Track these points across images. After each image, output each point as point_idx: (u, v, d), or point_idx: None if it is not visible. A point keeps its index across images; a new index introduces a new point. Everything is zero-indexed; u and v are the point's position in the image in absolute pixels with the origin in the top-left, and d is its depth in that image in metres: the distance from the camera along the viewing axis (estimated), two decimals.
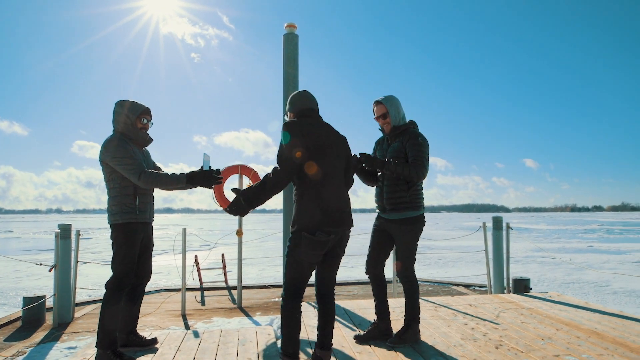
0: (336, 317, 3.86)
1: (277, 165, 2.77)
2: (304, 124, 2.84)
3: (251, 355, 3.32)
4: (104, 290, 3.25)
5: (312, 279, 2.96)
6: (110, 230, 3.30)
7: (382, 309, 3.56)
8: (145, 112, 3.41)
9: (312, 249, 2.73)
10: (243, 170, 5.47)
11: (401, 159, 3.37)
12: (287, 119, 3.07)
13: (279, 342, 3.60)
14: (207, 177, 3.16)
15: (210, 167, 3.24)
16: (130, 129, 3.33)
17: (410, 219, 3.39)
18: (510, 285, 5.90)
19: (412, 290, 3.46)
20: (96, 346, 3.17)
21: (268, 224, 53.08)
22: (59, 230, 4.78)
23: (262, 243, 22.67)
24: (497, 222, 5.94)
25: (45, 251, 20.50)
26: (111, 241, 3.31)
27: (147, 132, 3.47)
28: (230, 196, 5.44)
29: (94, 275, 12.17)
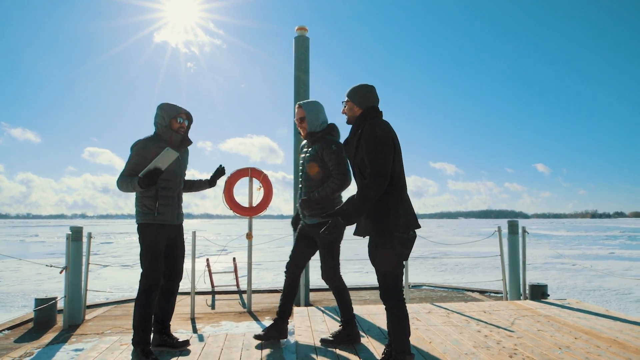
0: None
1: (371, 170, 2.61)
2: (388, 124, 2.73)
3: None
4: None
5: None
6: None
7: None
8: (181, 113, 3.44)
9: (406, 247, 2.71)
10: (253, 173, 5.43)
11: (317, 163, 3.44)
12: (345, 109, 2.92)
13: (284, 348, 3.53)
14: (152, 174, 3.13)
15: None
16: (164, 130, 3.40)
17: (324, 223, 3.43)
18: (527, 291, 5.72)
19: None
20: (132, 344, 3.32)
21: (285, 230, 53.13)
22: (70, 233, 4.81)
23: (279, 248, 22.63)
24: (512, 227, 5.78)
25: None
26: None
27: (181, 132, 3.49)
28: (241, 201, 5.41)
29: (112, 278, 12.28)
